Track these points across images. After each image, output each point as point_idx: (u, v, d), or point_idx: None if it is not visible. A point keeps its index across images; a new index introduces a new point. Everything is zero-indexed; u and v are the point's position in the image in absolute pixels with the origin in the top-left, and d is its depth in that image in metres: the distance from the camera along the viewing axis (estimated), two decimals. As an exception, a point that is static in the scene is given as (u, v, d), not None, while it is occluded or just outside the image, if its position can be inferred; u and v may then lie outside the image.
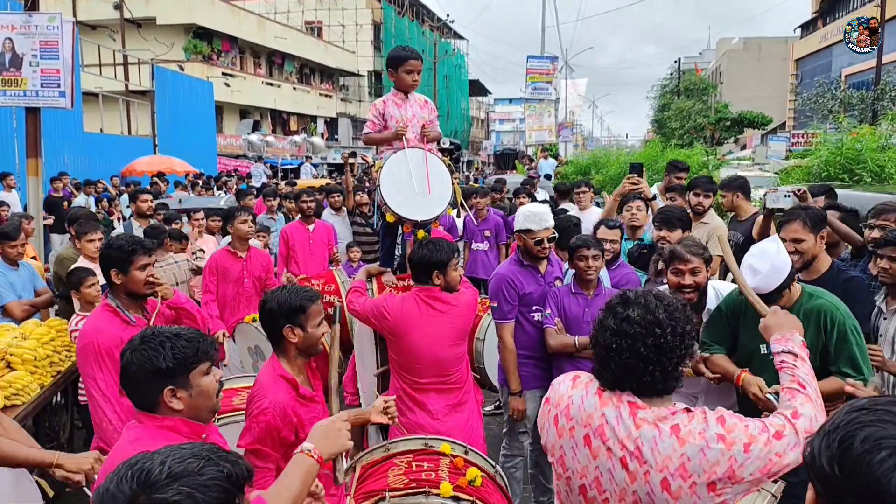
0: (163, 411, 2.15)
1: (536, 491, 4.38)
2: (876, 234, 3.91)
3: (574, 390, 2.07)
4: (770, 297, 2.97)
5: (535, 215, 4.06)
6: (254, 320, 5.06)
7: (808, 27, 51.19)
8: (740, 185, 5.48)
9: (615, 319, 1.95)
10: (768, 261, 2.96)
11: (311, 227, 6.99)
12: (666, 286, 3.61)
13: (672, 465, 1.83)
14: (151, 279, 3.50)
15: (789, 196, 4.26)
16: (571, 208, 7.37)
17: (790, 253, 3.37)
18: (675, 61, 46.98)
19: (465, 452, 3.05)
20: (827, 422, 1.14)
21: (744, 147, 40.86)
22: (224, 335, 5.26)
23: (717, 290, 3.57)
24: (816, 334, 2.99)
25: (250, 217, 5.78)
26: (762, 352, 3.10)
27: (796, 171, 9.15)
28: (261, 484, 2.77)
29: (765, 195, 4.61)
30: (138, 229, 6.81)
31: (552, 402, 2.12)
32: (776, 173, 12.54)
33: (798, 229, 3.53)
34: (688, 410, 1.91)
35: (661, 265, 3.91)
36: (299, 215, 7.24)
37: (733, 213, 5.56)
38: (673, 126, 36.28)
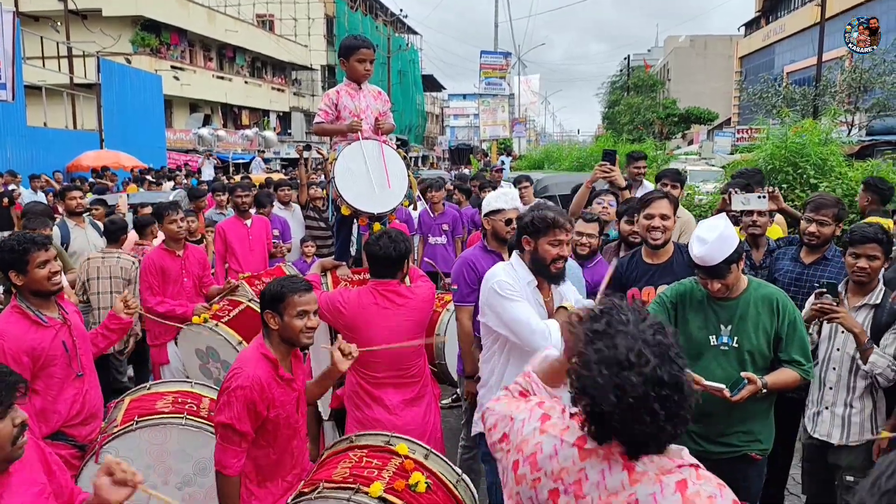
0: None
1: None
2: (813, 228, 3.97)
3: (543, 436, 1.76)
4: (718, 271, 3.02)
5: (504, 195, 4.08)
6: (205, 321, 4.80)
7: (751, 25, 52.58)
8: (760, 180, 5.27)
9: (610, 373, 1.55)
10: (715, 232, 3.00)
11: (248, 223, 6.88)
12: None
13: None
14: (53, 274, 3.31)
15: (764, 197, 4.40)
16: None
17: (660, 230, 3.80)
18: (625, 58, 47.76)
19: (425, 456, 3.00)
20: (877, 476, 0.98)
21: (691, 142, 41.77)
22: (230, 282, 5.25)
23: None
24: (770, 320, 3.10)
25: (180, 216, 5.47)
26: (712, 343, 3.15)
27: (741, 165, 9.39)
28: (236, 464, 2.82)
29: (728, 196, 4.70)
30: (74, 228, 6.51)
31: (512, 443, 1.83)
32: (722, 167, 12.86)
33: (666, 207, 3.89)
34: (696, 466, 1.62)
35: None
36: (234, 210, 7.05)
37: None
38: (623, 121, 36.96)
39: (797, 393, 3.54)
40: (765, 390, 3.01)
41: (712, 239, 2.98)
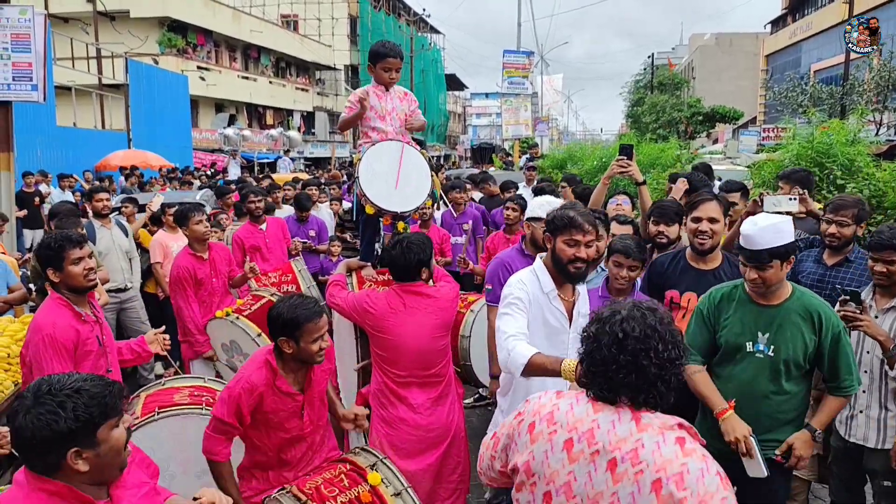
0: (65, 473, 1.88)
1: None
2: (833, 229, 3.93)
3: (560, 400, 2.03)
4: (758, 257, 2.91)
5: (548, 203, 4.01)
6: (227, 314, 4.96)
7: (777, 23, 51.90)
8: (801, 179, 5.05)
9: (611, 335, 1.91)
10: (772, 220, 2.93)
11: (263, 227, 6.91)
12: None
13: (671, 469, 1.79)
14: (89, 270, 3.43)
15: (794, 199, 4.35)
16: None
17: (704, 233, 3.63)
18: (649, 56, 47.37)
19: (396, 493, 2.97)
20: None
21: (716, 141, 41.32)
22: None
23: None
24: (811, 334, 2.99)
25: (205, 216, 5.53)
26: (748, 349, 3.06)
27: (767, 164, 9.27)
28: (224, 451, 2.97)
29: (760, 198, 4.65)
30: (100, 228, 6.60)
31: (527, 413, 2.06)
32: (747, 167, 12.72)
33: (715, 209, 3.72)
34: (690, 433, 1.90)
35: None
36: (248, 217, 7.02)
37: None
38: (647, 120, 36.64)
39: None
40: (819, 439, 3.07)
41: (766, 224, 2.91)
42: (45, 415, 1.84)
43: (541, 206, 4.09)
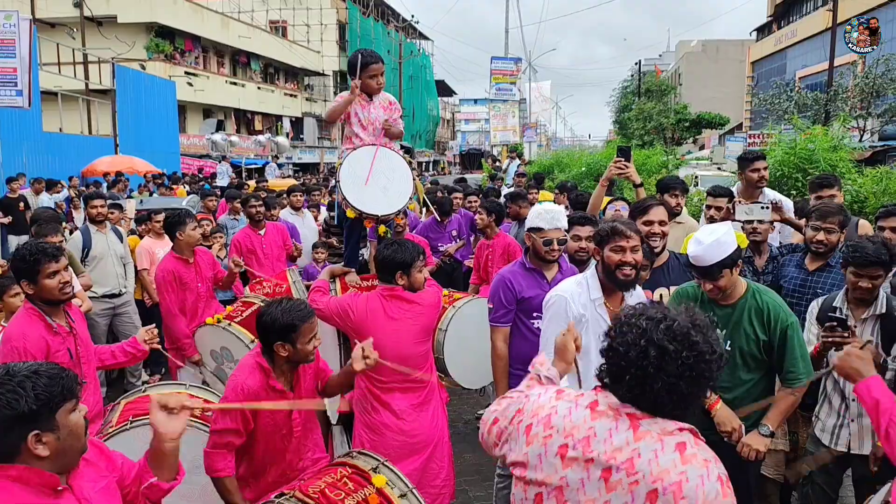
0: (24, 459, 1.90)
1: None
2: (821, 236, 3.97)
3: (560, 402, 1.97)
4: (709, 273, 3.16)
5: (547, 213, 3.94)
6: (218, 321, 4.89)
7: (763, 30, 52.40)
8: (723, 193, 5.17)
9: (645, 335, 1.80)
10: (714, 236, 3.14)
11: (262, 232, 6.90)
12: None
13: (668, 479, 1.73)
14: (65, 283, 3.40)
15: (767, 207, 4.45)
16: None
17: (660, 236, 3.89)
18: (636, 63, 47.64)
19: (402, 495, 2.96)
20: None
21: (702, 147, 41.65)
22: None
23: None
24: (762, 330, 3.20)
25: (198, 224, 5.52)
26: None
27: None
28: (228, 465, 2.94)
29: (732, 206, 4.75)
30: (96, 233, 6.59)
31: (526, 412, 2.01)
32: (733, 173, 12.83)
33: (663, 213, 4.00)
34: (693, 432, 1.83)
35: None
36: (249, 221, 7.06)
37: None
38: (634, 127, 36.86)
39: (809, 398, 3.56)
40: (771, 437, 3.18)
41: (708, 242, 3.12)
42: (5, 395, 1.86)
43: (539, 215, 3.94)
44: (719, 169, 20.53)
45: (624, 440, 1.80)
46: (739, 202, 4.62)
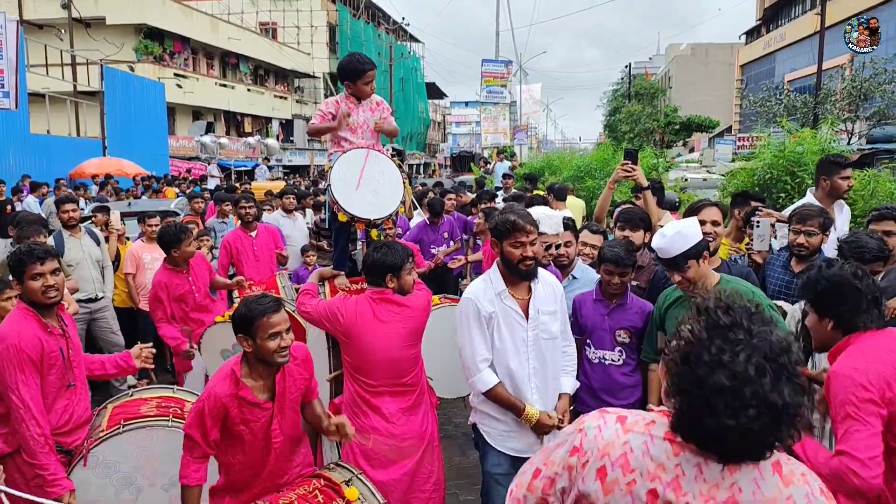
0: None
1: None
2: (802, 239, 4.00)
3: (630, 435, 1.64)
4: (675, 264, 3.19)
5: (547, 217, 3.99)
6: (229, 318, 4.91)
7: (752, 34, 52.72)
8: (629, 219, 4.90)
9: (731, 353, 1.48)
10: (677, 228, 3.17)
11: (253, 234, 6.86)
12: None
13: None
14: (48, 287, 3.38)
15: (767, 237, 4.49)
16: None
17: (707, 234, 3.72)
18: (626, 66, 47.80)
19: None
20: None
21: (692, 150, 41.85)
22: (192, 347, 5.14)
23: None
24: None
25: (193, 237, 5.48)
26: None
27: (741, 173, 9.39)
28: (194, 475, 2.95)
29: (752, 236, 4.68)
30: (69, 238, 6.47)
31: (591, 452, 1.66)
32: (722, 175, 12.90)
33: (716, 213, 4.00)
34: (780, 448, 1.57)
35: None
36: (240, 222, 7.04)
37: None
38: (624, 129, 37.00)
39: None
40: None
41: (671, 234, 3.16)
42: None
43: (538, 218, 3.88)
44: (709, 171, 20.63)
45: (718, 474, 1.55)
46: (760, 212, 4.63)
